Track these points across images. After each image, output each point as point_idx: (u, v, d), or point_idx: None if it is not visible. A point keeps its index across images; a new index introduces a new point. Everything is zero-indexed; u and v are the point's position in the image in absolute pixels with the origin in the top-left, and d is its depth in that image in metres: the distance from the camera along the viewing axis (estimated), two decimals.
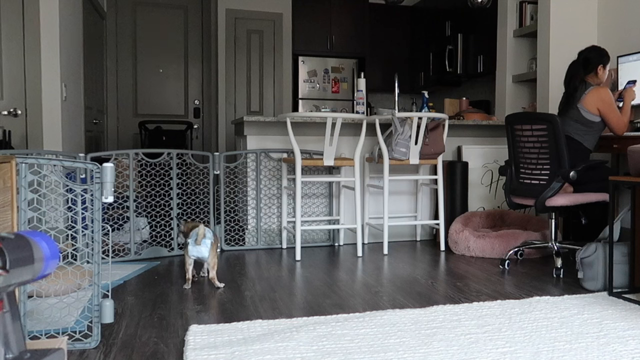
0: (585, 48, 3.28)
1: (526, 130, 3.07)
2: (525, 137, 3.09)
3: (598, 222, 3.76)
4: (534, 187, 3.10)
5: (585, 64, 3.22)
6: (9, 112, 3.72)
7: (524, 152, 3.13)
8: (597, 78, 3.23)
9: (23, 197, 1.88)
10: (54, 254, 1.43)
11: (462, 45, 5.79)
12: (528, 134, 3.07)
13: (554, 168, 2.99)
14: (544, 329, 2.13)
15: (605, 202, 3.08)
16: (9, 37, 3.74)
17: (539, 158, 3.05)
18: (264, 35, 6.37)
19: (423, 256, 3.61)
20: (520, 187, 3.19)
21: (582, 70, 3.21)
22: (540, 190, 3.04)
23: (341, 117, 3.44)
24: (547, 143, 2.99)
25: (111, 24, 6.26)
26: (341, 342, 1.98)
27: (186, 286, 2.75)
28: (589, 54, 3.23)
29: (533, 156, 3.08)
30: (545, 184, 3.03)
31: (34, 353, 1.41)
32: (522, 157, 3.15)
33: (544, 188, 3.03)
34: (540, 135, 3.01)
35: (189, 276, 2.76)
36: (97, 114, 5.52)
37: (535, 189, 3.09)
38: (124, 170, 3.47)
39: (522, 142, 3.12)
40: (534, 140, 3.05)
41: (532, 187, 3.11)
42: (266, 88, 6.41)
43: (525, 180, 3.16)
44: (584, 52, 3.26)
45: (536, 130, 3.02)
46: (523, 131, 3.09)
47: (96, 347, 1.97)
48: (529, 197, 3.13)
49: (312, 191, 4.00)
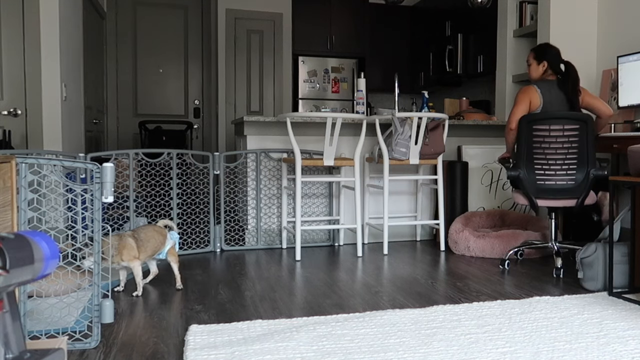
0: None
1: (555, 131, 3.01)
2: (553, 137, 3.02)
3: (598, 222, 3.76)
4: (565, 189, 3.08)
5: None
6: (9, 112, 3.72)
7: (548, 153, 3.05)
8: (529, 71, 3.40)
9: (23, 197, 1.88)
10: (54, 254, 1.43)
11: (462, 45, 5.79)
12: (557, 134, 3.01)
13: (584, 168, 3.03)
14: (544, 329, 2.13)
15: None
16: (9, 37, 3.74)
17: (566, 158, 3.04)
18: (264, 35, 6.37)
19: (423, 256, 3.61)
20: (546, 189, 3.11)
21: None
22: (574, 191, 3.06)
23: (341, 117, 3.44)
24: (577, 143, 3.01)
25: (111, 24, 6.26)
26: (341, 342, 1.98)
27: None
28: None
29: (560, 157, 3.04)
30: (574, 184, 3.05)
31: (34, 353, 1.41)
32: (544, 158, 3.07)
33: (577, 188, 3.05)
34: (571, 135, 3.00)
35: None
36: (97, 114, 5.52)
37: (567, 190, 3.07)
38: (124, 170, 3.47)
39: (546, 143, 3.04)
40: (563, 140, 3.02)
41: (563, 189, 3.08)
42: (266, 88, 6.41)
43: (548, 181, 3.08)
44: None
45: (568, 130, 3.01)
46: (550, 131, 3.02)
47: (96, 347, 1.97)
48: (561, 198, 3.10)
49: (312, 191, 4.00)
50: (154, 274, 2.86)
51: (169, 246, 2.73)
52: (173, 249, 2.75)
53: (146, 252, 2.63)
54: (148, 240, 2.64)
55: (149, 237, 2.65)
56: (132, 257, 2.56)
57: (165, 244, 2.72)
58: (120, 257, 2.53)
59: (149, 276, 2.85)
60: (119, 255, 2.52)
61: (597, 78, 4.20)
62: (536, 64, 3.33)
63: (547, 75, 3.31)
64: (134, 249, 2.57)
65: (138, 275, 2.61)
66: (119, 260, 2.53)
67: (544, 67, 3.30)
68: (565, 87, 3.21)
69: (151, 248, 2.65)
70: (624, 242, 2.77)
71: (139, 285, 2.63)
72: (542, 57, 3.31)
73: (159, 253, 2.71)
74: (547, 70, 3.30)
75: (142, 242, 2.61)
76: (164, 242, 2.71)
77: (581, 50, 4.19)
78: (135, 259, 2.57)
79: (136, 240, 2.59)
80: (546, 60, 3.29)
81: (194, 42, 6.58)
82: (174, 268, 2.74)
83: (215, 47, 6.32)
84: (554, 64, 3.30)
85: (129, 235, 2.59)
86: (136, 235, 2.61)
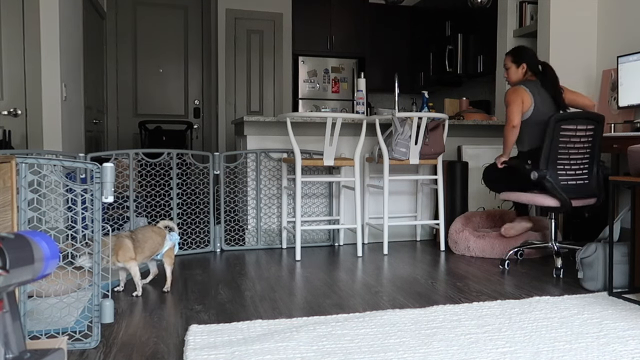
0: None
1: (580, 130, 3.03)
2: (578, 137, 3.05)
3: (598, 222, 3.76)
4: (587, 187, 3.13)
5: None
6: (9, 112, 3.72)
7: (572, 153, 3.06)
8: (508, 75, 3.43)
9: (23, 197, 1.88)
10: (54, 254, 1.43)
11: (462, 45, 5.79)
12: (582, 134, 3.04)
13: (594, 167, 3.11)
14: (544, 329, 2.13)
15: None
16: (9, 37, 3.74)
17: (584, 157, 3.10)
18: (264, 35, 6.37)
19: (423, 256, 3.61)
20: (571, 189, 3.11)
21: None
22: (594, 189, 3.13)
23: (341, 117, 3.44)
24: (592, 142, 3.08)
25: (111, 24, 6.26)
26: (341, 342, 1.98)
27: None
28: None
29: (579, 156, 3.08)
30: (588, 183, 3.12)
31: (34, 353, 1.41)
32: (567, 158, 3.06)
33: (594, 186, 3.13)
34: (590, 135, 3.06)
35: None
36: (97, 114, 5.52)
37: (588, 188, 3.13)
38: (124, 170, 3.47)
39: (571, 142, 3.04)
40: (585, 140, 3.06)
41: (586, 187, 3.13)
42: (266, 88, 6.41)
43: (570, 181, 3.09)
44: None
45: (589, 130, 3.05)
46: (577, 131, 3.03)
47: (96, 347, 1.97)
48: (586, 197, 3.15)
49: (312, 191, 4.00)
50: (153, 274, 2.85)
51: (167, 247, 2.72)
52: (171, 250, 2.75)
53: (144, 253, 2.62)
54: (146, 241, 2.63)
55: (147, 237, 2.64)
56: (128, 258, 2.56)
57: (164, 245, 2.72)
58: (116, 257, 2.52)
59: (149, 276, 2.85)
60: (115, 255, 2.52)
61: (597, 78, 4.20)
62: (515, 67, 3.36)
63: (527, 77, 3.34)
64: (130, 250, 2.56)
65: (136, 276, 2.61)
66: (115, 261, 2.52)
67: (523, 69, 3.33)
68: (548, 87, 3.26)
69: (149, 249, 2.64)
70: (624, 242, 2.77)
71: (138, 286, 2.63)
72: (520, 60, 3.34)
73: (158, 254, 2.71)
74: (527, 72, 3.33)
75: (140, 243, 2.60)
76: (162, 243, 2.70)
77: (581, 50, 4.19)
78: (131, 260, 2.56)
79: (133, 241, 2.59)
80: (525, 62, 3.32)
81: (194, 42, 6.58)
82: (167, 270, 2.73)
83: (215, 47, 6.32)
84: (533, 65, 3.33)
85: (126, 236, 2.59)
86: (134, 236, 2.61)
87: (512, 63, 3.37)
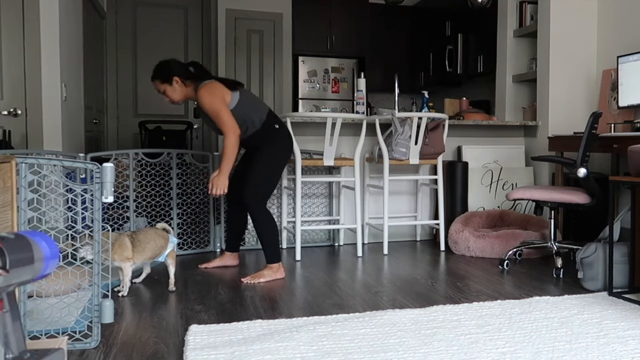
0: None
1: (594, 128, 3.09)
2: (595, 133, 3.13)
3: (598, 222, 3.76)
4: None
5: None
6: (9, 112, 3.72)
7: (592, 148, 3.18)
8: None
9: (23, 197, 1.88)
10: (54, 254, 1.43)
11: (462, 45, 5.78)
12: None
13: None
14: (544, 329, 2.13)
15: None
16: (9, 37, 3.74)
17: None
18: (264, 35, 6.36)
19: (423, 256, 3.61)
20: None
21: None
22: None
23: (341, 117, 3.44)
24: None
25: (111, 24, 6.26)
26: (341, 342, 1.98)
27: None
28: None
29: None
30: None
31: (34, 353, 1.42)
32: (589, 155, 3.15)
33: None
34: None
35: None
36: (97, 114, 5.52)
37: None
38: (124, 170, 3.47)
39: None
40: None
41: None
42: (266, 88, 6.41)
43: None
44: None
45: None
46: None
47: (96, 347, 1.97)
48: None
49: (312, 191, 4.00)
50: (146, 273, 2.87)
51: (169, 249, 2.74)
52: (173, 252, 2.76)
53: (143, 254, 2.62)
54: (147, 242, 2.63)
55: (149, 239, 2.65)
56: (124, 257, 2.56)
57: (167, 247, 2.73)
58: (113, 255, 2.53)
59: (142, 275, 2.86)
60: (113, 253, 2.52)
61: (597, 78, 4.20)
62: (173, 86, 2.90)
63: (192, 86, 2.92)
64: (128, 250, 2.57)
65: (127, 276, 2.61)
66: (112, 258, 2.53)
67: (181, 82, 2.90)
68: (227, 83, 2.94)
69: (150, 250, 2.64)
70: (624, 242, 2.77)
71: (125, 286, 2.63)
72: (169, 76, 2.88)
73: (159, 256, 2.72)
74: (187, 81, 2.91)
75: (140, 244, 2.61)
76: (165, 245, 2.71)
77: (581, 50, 4.19)
78: (127, 260, 2.57)
79: (133, 242, 2.59)
80: (177, 76, 2.88)
81: (194, 42, 6.58)
82: (171, 271, 2.74)
83: (215, 47, 6.32)
84: (188, 71, 2.92)
85: (126, 236, 2.60)
86: (134, 237, 2.61)
87: (165, 84, 2.90)
